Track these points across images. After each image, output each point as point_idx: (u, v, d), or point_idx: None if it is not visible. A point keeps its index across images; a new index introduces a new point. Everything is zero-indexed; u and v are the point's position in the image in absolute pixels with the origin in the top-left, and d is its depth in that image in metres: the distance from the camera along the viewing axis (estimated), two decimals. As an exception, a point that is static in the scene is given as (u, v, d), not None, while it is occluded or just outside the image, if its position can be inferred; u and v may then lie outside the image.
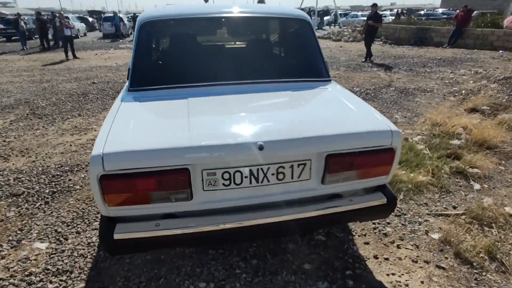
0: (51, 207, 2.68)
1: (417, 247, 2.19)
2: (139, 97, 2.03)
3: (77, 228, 2.41)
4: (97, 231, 2.33)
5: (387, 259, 2.09)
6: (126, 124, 1.68)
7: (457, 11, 15.19)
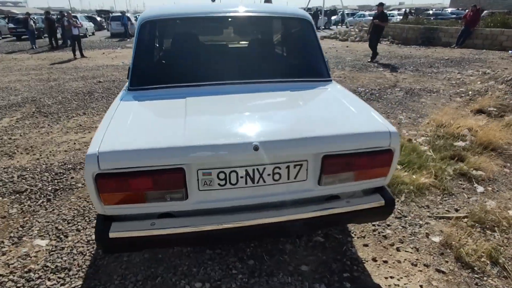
0: (52, 204, 2.71)
1: (417, 250, 2.16)
2: (139, 96, 2.03)
3: (77, 225, 2.43)
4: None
5: (386, 261, 2.06)
6: (123, 123, 1.69)
7: (466, 10, 14.97)
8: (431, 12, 28.42)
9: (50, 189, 2.94)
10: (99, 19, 30.26)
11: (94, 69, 9.45)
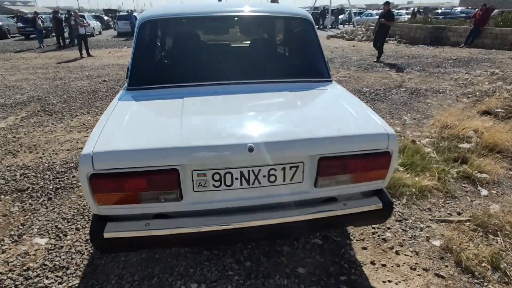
0: (53, 203, 2.73)
1: (417, 254, 2.12)
2: (137, 96, 2.04)
3: (76, 224, 2.45)
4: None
5: (385, 265, 2.03)
6: (119, 123, 1.69)
7: (476, 9, 14.73)
8: (440, 11, 28.02)
9: (51, 187, 2.96)
10: (106, 18, 30.49)
11: (99, 68, 9.52)
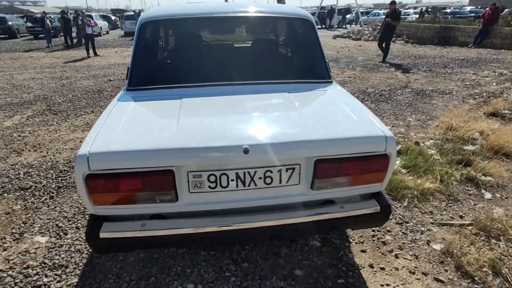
0: (55, 201, 2.76)
1: (416, 257, 2.09)
2: (136, 96, 2.04)
3: (77, 223, 2.47)
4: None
5: (383, 268, 2.01)
6: (117, 123, 1.69)
7: (485, 9, 14.50)
8: (448, 10, 27.65)
9: (53, 186, 2.99)
10: (113, 18, 30.77)
11: (106, 67, 9.60)
